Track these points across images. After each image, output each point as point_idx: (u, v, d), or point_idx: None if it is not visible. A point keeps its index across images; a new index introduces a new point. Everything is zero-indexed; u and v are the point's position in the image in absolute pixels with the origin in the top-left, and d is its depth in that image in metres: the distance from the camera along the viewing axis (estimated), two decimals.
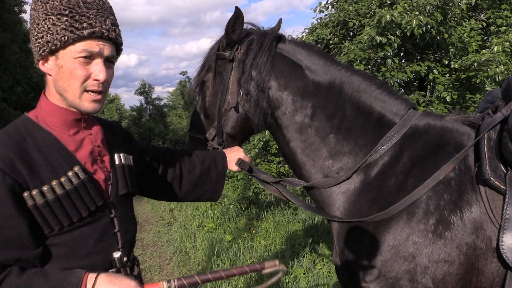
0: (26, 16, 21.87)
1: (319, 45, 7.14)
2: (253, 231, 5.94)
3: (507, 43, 5.57)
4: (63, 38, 1.19)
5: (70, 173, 1.23)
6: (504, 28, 6.14)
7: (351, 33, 7.24)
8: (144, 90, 38.99)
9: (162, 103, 40.72)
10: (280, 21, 2.14)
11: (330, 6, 7.75)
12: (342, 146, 1.84)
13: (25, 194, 1.16)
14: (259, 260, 4.91)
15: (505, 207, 1.51)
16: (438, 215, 1.59)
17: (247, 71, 1.90)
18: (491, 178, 1.54)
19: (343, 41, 6.84)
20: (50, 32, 1.20)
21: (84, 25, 1.19)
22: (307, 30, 7.70)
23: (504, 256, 1.48)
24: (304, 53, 1.94)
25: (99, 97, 1.27)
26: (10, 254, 1.12)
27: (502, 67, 5.35)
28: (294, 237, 5.48)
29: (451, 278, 1.56)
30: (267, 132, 5.06)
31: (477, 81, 5.52)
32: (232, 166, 1.95)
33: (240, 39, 1.95)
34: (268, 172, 6.46)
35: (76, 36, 1.19)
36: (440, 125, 1.80)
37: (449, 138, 1.75)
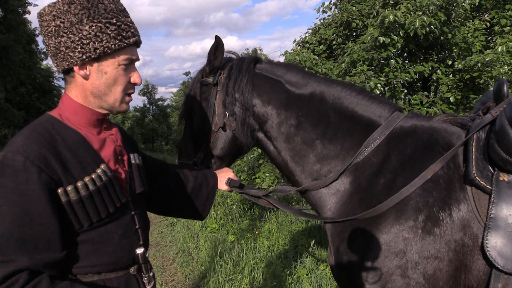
0: (30, 17, 21.94)
1: (322, 45, 7.13)
2: (256, 232, 5.94)
3: (511, 43, 5.54)
4: (113, 46, 1.24)
5: (99, 171, 1.28)
6: (508, 28, 6.10)
7: (354, 33, 7.23)
8: (148, 91, 39.03)
9: (165, 103, 40.72)
10: (255, 50, 2.31)
11: (333, 7, 7.74)
12: (329, 151, 1.92)
13: (59, 191, 1.17)
14: (262, 260, 4.91)
15: (490, 206, 1.56)
16: (427, 212, 1.63)
17: (230, 93, 2.01)
18: (477, 178, 1.59)
19: (346, 42, 6.83)
20: (99, 39, 1.21)
21: (129, 34, 1.27)
22: (310, 31, 7.69)
23: (488, 255, 1.53)
24: (282, 69, 2.07)
25: (131, 98, 1.38)
26: (39, 259, 1.11)
27: (506, 67, 5.33)
28: (297, 237, 5.48)
29: (442, 274, 1.60)
30: None
31: (481, 81, 5.49)
32: (222, 185, 1.99)
33: (222, 65, 2.07)
34: (271, 172, 6.46)
35: (125, 44, 1.26)
36: (428, 125, 1.86)
37: (437, 138, 1.80)
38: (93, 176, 1.26)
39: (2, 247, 1.07)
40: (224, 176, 2.01)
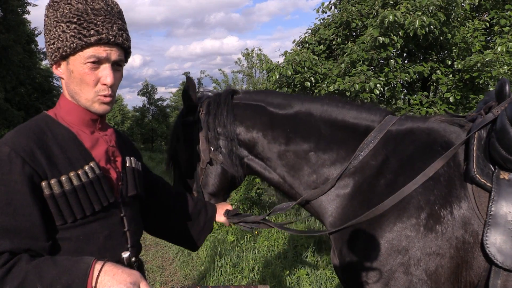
0: (29, 17, 21.93)
1: (321, 45, 7.13)
2: (256, 232, 5.94)
3: (511, 44, 5.54)
4: (72, 45, 1.24)
5: (86, 167, 1.28)
6: (507, 28, 6.10)
7: (354, 33, 7.23)
8: (147, 91, 39.00)
9: (165, 103, 40.69)
10: (228, 87, 2.36)
11: (333, 7, 7.74)
12: (324, 160, 1.94)
13: (43, 184, 1.19)
14: (261, 260, 4.91)
15: (490, 204, 1.58)
16: (429, 210, 1.65)
17: (212, 128, 2.03)
18: (477, 176, 1.62)
19: (346, 42, 6.83)
20: (61, 39, 1.25)
21: (92, 32, 1.25)
22: (309, 31, 7.70)
23: (487, 251, 1.55)
24: (261, 95, 2.10)
25: (108, 99, 1.33)
26: (21, 244, 1.13)
27: (505, 67, 5.33)
28: (296, 238, 5.47)
29: (443, 270, 1.63)
30: None
31: (481, 81, 5.49)
32: (220, 218, 1.99)
33: (197, 102, 2.09)
34: None
35: (84, 43, 1.24)
36: (424, 126, 1.88)
37: (436, 137, 1.82)
38: (79, 172, 1.26)
39: None
40: (222, 208, 2.01)
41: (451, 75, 6.22)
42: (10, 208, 1.13)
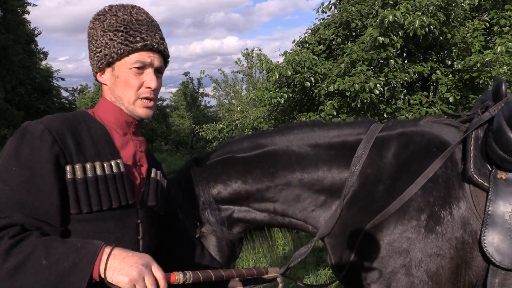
0: (29, 17, 21.90)
1: (321, 45, 7.14)
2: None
3: (510, 44, 5.56)
4: (119, 51, 1.33)
5: (112, 162, 1.31)
6: (507, 28, 6.11)
7: (354, 33, 7.24)
8: None
9: (164, 103, 40.71)
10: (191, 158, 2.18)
11: (333, 7, 7.75)
12: (316, 182, 1.87)
13: (67, 167, 1.22)
14: (261, 260, 4.91)
15: (487, 203, 1.59)
16: (429, 211, 1.65)
17: (189, 204, 1.90)
18: (474, 175, 1.62)
19: (346, 42, 6.84)
20: (108, 46, 1.34)
21: (137, 39, 1.34)
22: (309, 31, 7.71)
23: (485, 251, 1.55)
24: (225, 147, 2.01)
25: (151, 103, 1.40)
26: (35, 221, 1.15)
27: (505, 67, 5.34)
28: (296, 238, 5.47)
29: (444, 271, 1.63)
30: None
31: (480, 81, 5.51)
32: (235, 283, 1.77)
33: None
34: None
35: (130, 48, 1.33)
36: (417, 128, 1.86)
37: (430, 139, 1.81)
38: (105, 164, 1.29)
39: (3, 207, 1.12)
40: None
41: (451, 75, 6.23)
42: (31, 184, 1.15)
